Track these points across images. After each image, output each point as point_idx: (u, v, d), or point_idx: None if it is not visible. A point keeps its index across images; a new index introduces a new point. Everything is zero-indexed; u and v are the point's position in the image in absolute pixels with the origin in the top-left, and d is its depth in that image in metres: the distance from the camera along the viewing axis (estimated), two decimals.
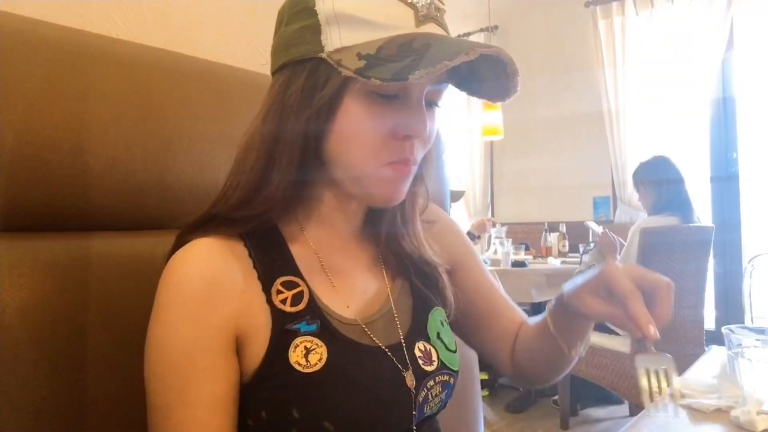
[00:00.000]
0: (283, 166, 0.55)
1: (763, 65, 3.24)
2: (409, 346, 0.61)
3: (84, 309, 0.60)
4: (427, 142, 0.59)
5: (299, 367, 0.53)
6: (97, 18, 0.89)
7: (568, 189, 3.99)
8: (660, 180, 2.51)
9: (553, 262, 3.15)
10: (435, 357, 0.62)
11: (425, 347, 0.62)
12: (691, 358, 0.97)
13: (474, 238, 3.40)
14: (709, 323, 2.67)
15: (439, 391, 0.62)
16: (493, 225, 3.55)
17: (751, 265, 1.24)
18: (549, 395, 3.07)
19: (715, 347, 1.03)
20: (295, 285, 0.58)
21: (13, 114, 0.57)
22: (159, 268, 0.55)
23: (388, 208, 0.62)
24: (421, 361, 0.61)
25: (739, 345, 0.72)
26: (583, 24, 3.85)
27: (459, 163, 4.59)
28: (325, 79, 0.53)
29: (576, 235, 3.57)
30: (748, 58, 3.30)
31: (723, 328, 0.75)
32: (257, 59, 0.60)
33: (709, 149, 3.42)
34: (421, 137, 0.56)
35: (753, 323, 1.15)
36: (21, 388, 0.55)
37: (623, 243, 2.54)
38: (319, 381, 0.53)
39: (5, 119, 0.57)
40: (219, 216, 0.57)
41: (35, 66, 0.59)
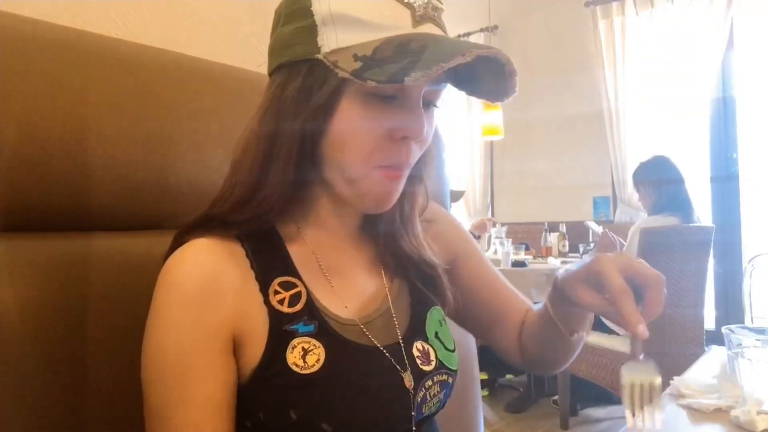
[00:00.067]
0: (280, 167, 0.55)
1: (763, 65, 3.24)
2: (407, 345, 0.61)
3: (84, 308, 0.60)
4: (424, 143, 0.59)
5: (297, 369, 0.53)
6: (97, 18, 0.89)
7: (568, 189, 3.99)
8: (660, 180, 2.52)
9: (553, 262, 3.14)
10: (433, 356, 0.62)
11: (423, 347, 0.62)
12: (691, 358, 0.97)
13: (474, 238, 3.39)
14: (709, 323, 2.67)
15: (437, 391, 0.61)
16: (493, 225, 3.55)
17: (751, 265, 1.24)
18: (549, 395, 3.07)
19: (715, 347, 1.03)
20: (293, 285, 0.58)
21: (12, 114, 0.57)
22: (158, 267, 0.55)
23: (380, 213, 0.61)
24: (419, 361, 0.61)
25: (739, 345, 0.72)
26: (583, 24, 3.85)
27: (459, 163, 4.59)
28: (321, 80, 0.53)
29: (576, 235, 3.58)
30: (748, 58, 3.30)
31: (723, 328, 0.75)
32: (257, 59, 0.60)
33: (709, 149, 3.42)
34: (419, 138, 0.56)
35: (753, 323, 1.15)
36: (20, 386, 0.55)
37: (623, 243, 2.54)
38: (317, 382, 0.53)
39: (5, 119, 0.57)
40: (217, 217, 0.57)
41: (35, 66, 0.59)
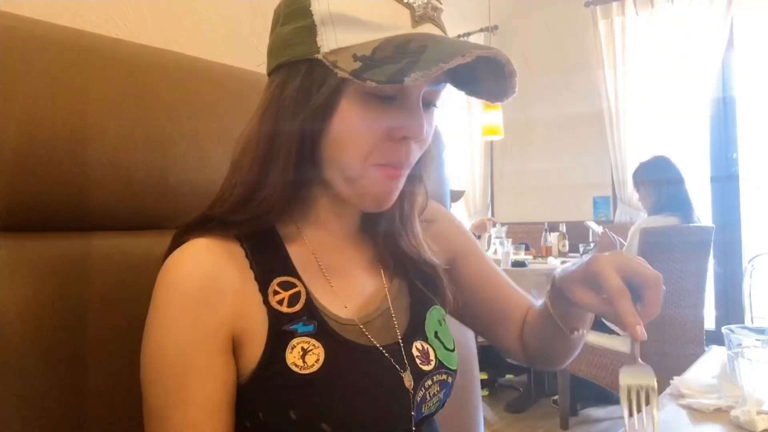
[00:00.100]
0: (279, 167, 0.55)
1: (763, 65, 3.24)
2: (407, 345, 0.61)
3: (83, 308, 0.60)
4: (424, 143, 0.59)
5: (296, 369, 0.53)
6: (97, 18, 0.89)
7: (568, 189, 3.99)
8: (660, 180, 2.51)
9: (553, 262, 3.14)
10: (433, 356, 0.62)
11: (423, 346, 0.62)
12: (691, 358, 0.97)
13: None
14: (709, 323, 2.67)
15: (437, 391, 0.61)
16: (493, 225, 3.55)
17: (751, 265, 1.24)
18: (549, 395, 3.07)
19: (715, 347, 1.03)
20: (292, 285, 0.58)
21: (13, 114, 0.57)
22: (158, 267, 0.55)
23: (379, 212, 0.61)
24: (418, 361, 0.61)
25: (739, 345, 0.72)
26: (583, 24, 3.85)
27: (459, 163, 4.59)
28: (321, 80, 0.53)
29: (576, 235, 3.58)
30: (748, 58, 3.30)
31: (723, 328, 0.75)
32: (257, 59, 0.60)
33: (709, 149, 3.42)
34: (419, 138, 0.56)
35: (753, 323, 1.15)
36: (20, 386, 0.55)
37: (623, 243, 2.54)
38: (317, 382, 0.53)
39: (5, 119, 0.57)
40: (216, 217, 0.57)
41: (35, 66, 0.59)
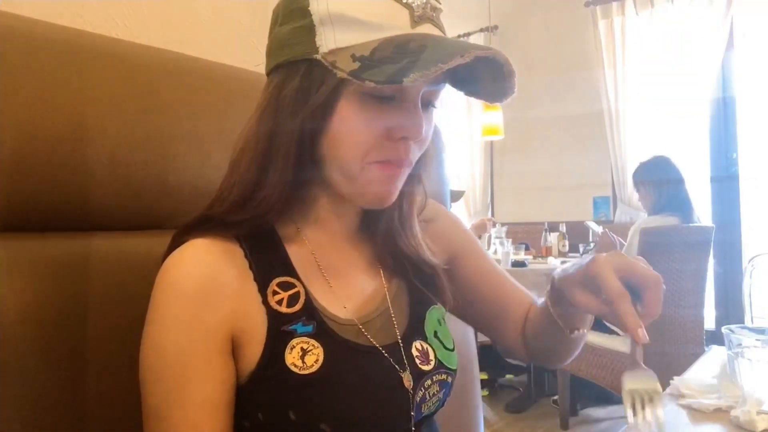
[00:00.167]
0: (278, 167, 0.55)
1: (763, 65, 3.24)
2: (406, 345, 0.61)
3: (84, 308, 0.60)
4: (423, 143, 0.59)
5: (296, 369, 0.53)
6: (97, 18, 0.89)
7: (568, 189, 3.99)
8: (660, 180, 2.51)
9: (553, 262, 3.14)
10: (432, 356, 0.62)
11: (422, 346, 0.62)
12: (691, 358, 0.97)
13: None
14: (709, 323, 2.67)
15: (436, 390, 0.61)
16: (494, 225, 3.55)
17: (751, 265, 1.24)
18: (549, 395, 3.07)
19: (715, 347, 1.03)
20: (292, 286, 0.58)
21: (12, 114, 0.57)
22: (158, 267, 0.55)
23: (381, 208, 0.61)
24: (418, 361, 0.61)
25: (739, 345, 0.71)
26: (583, 24, 3.85)
27: (459, 163, 4.58)
28: (319, 80, 0.52)
29: (576, 235, 3.57)
30: (748, 58, 3.30)
31: (723, 328, 0.75)
32: (257, 59, 0.60)
33: (709, 149, 3.41)
34: (418, 138, 0.56)
35: (753, 323, 1.15)
36: (20, 386, 0.55)
37: (623, 243, 2.54)
38: (316, 383, 0.53)
39: (5, 119, 0.57)
40: (215, 218, 0.57)
41: (35, 66, 0.59)
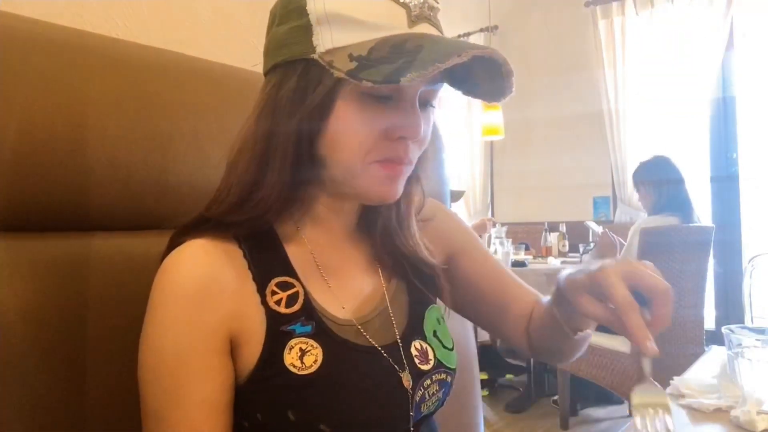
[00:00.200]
0: (276, 166, 0.55)
1: (763, 65, 3.24)
2: (405, 345, 0.61)
3: (84, 308, 0.60)
4: (422, 143, 0.59)
5: (294, 369, 0.53)
6: (97, 18, 0.89)
7: (568, 189, 3.99)
8: (660, 180, 2.51)
9: (553, 262, 3.15)
10: (431, 355, 0.62)
11: (421, 346, 0.62)
12: (691, 358, 0.97)
13: None
14: (709, 323, 2.67)
15: (436, 390, 0.61)
16: (494, 225, 3.55)
17: (751, 265, 1.24)
18: (549, 395, 3.07)
19: (715, 347, 1.03)
20: (291, 286, 0.58)
21: (12, 114, 0.57)
22: (157, 268, 0.55)
23: (383, 205, 0.61)
24: (417, 360, 0.61)
25: (739, 345, 0.71)
26: (583, 24, 3.85)
27: (459, 163, 4.58)
28: (317, 80, 0.52)
29: (576, 235, 3.57)
30: (748, 58, 3.30)
31: (723, 328, 0.75)
32: (256, 59, 0.60)
33: (709, 149, 3.41)
34: (416, 138, 0.56)
35: (753, 323, 1.15)
36: (20, 386, 0.55)
37: (623, 243, 2.54)
38: (315, 383, 0.53)
39: (5, 119, 0.57)
40: (214, 218, 0.57)
41: (35, 66, 0.59)
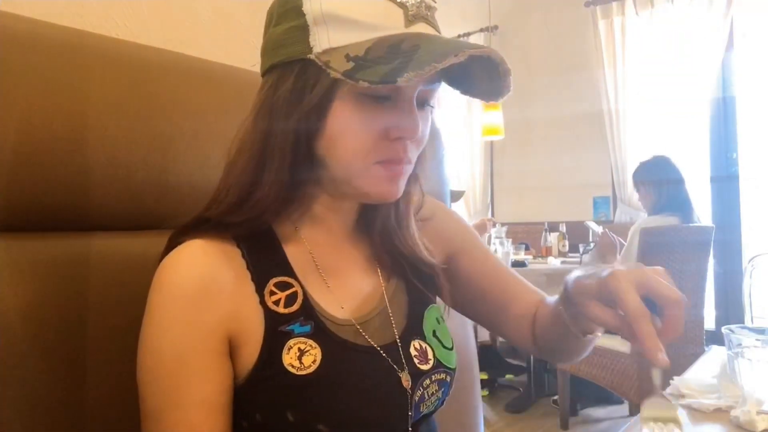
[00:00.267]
0: (274, 167, 0.55)
1: (763, 65, 3.24)
2: (405, 345, 0.61)
3: (83, 308, 0.60)
4: (421, 143, 0.59)
5: (293, 369, 0.53)
6: (97, 18, 0.89)
7: (568, 189, 3.99)
8: (660, 180, 2.51)
9: (553, 262, 3.15)
10: (431, 355, 0.62)
11: (421, 346, 0.62)
12: (691, 358, 0.97)
13: None
14: (709, 323, 2.67)
15: (435, 390, 0.61)
16: (493, 225, 3.55)
17: (751, 265, 1.24)
18: (549, 395, 3.07)
19: (715, 347, 1.03)
20: (289, 286, 0.58)
21: (12, 114, 0.57)
22: (156, 268, 0.55)
23: (383, 204, 0.61)
24: (416, 360, 0.60)
25: (739, 345, 0.71)
26: (583, 24, 3.85)
27: (459, 163, 4.58)
28: (314, 81, 0.52)
29: (576, 235, 3.57)
30: (748, 58, 3.30)
31: (723, 328, 0.75)
32: (256, 59, 0.60)
33: (709, 149, 3.41)
34: (414, 138, 0.56)
35: (753, 323, 1.15)
36: (20, 386, 0.55)
37: (623, 243, 2.54)
38: (314, 383, 0.53)
39: (5, 119, 0.57)
40: (212, 219, 0.57)
41: (35, 66, 0.59)
